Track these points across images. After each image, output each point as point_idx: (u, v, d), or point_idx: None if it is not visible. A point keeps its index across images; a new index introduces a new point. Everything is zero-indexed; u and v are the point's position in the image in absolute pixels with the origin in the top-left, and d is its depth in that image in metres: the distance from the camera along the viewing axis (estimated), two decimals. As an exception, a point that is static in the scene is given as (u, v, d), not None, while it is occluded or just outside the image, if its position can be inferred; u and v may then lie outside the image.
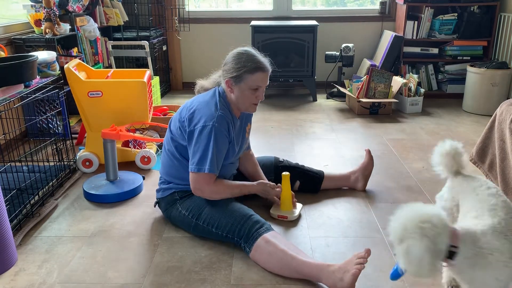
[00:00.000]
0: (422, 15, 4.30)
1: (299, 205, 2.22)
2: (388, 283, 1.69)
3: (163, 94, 4.53)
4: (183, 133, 1.96)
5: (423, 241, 1.20)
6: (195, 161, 1.88)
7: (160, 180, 2.13)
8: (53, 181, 2.48)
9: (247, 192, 2.06)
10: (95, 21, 3.81)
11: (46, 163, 2.66)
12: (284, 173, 2.15)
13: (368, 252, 1.59)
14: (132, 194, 2.39)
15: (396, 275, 1.36)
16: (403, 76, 4.39)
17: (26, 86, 2.28)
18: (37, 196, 2.29)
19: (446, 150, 1.52)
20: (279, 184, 2.16)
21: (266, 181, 2.17)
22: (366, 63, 4.60)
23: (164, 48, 4.62)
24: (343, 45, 4.37)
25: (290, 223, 2.12)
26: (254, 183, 2.10)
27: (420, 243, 1.20)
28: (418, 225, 1.21)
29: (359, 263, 1.57)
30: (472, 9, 4.23)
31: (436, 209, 1.27)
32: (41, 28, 3.16)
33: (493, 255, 1.23)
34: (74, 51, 3.40)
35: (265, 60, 1.92)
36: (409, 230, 1.22)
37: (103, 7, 4.07)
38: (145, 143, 2.94)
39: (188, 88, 4.83)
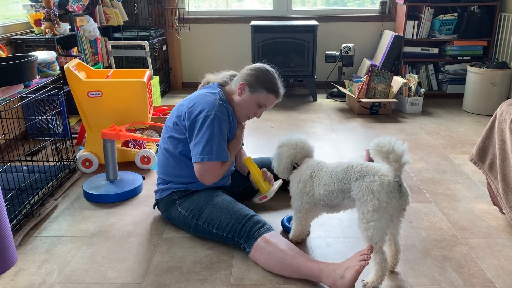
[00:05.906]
0: (422, 15, 4.30)
1: (278, 182, 2.18)
2: (387, 282, 1.69)
3: (163, 94, 4.52)
4: (180, 127, 1.96)
5: (290, 151, 1.88)
6: (199, 151, 1.88)
7: (157, 180, 2.13)
8: (53, 181, 2.48)
9: (235, 151, 2.07)
10: (95, 21, 3.81)
11: (46, 163, 2.66)
12: (245, 157, 2.16)
13: (371, 249, 1.58)
14: (132, 194, 2.39)
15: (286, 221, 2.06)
16: (403, 76, 4.39)
17: (26, 86, 2.28)
18: (37, 196, 2.29)
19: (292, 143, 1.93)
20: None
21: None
22: (366, 63, 4.60)
23: (164, 48, 4.62)
24: (343, 45, 4.37)
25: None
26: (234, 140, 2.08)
27: (287, 151, 1.88)
28: (293, 142, 1.89)
29: (362, 259, 1.57)
30: (472, 9, 4.23)
31: (307, 140, 1.92)
32: (41, 28, 3.16)
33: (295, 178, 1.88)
34: (74, 51, 3.40)
35: (282, 89, 2.04)
36: (286, 143, 1.91)
37: (103, 7, 4.07)
38: (145, 143, 2.94)
39: (188, 88, 4.83)
